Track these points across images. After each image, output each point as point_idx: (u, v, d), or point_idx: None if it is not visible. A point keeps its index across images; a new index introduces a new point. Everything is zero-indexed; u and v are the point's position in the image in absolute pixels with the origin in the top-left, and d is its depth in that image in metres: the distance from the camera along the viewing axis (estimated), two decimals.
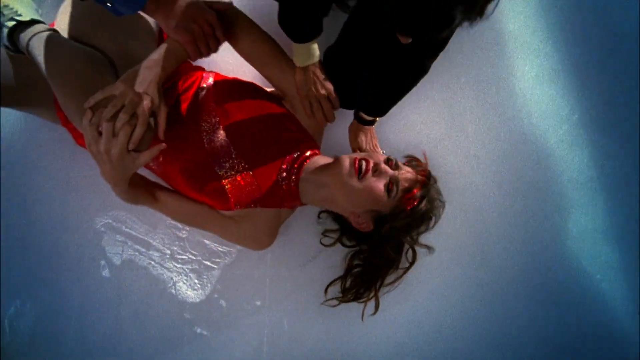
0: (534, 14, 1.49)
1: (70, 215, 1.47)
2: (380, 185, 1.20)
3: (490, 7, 0.90)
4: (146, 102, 1.09)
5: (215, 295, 1.51)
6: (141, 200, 1.27)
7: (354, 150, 1.44)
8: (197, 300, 1.51)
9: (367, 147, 1.43)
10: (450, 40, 1.25)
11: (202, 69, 1.40)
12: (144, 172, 1.38)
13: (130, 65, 1.14)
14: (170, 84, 1.31)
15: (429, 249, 1.37)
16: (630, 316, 1.52)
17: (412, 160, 1.40)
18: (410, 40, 0.94)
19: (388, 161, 1.24)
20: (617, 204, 1.50)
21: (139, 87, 1.10)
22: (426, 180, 1.28)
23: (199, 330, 1.51)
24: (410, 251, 1.35)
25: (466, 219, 1.49)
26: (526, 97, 1.48)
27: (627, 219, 1.50)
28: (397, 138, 1.50)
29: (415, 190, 1.23)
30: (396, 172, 1.23)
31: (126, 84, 1.09)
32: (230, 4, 1.25)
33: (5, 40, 1.21)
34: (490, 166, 1.49)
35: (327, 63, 1.33)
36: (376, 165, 1.21)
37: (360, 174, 1.20)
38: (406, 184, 1.23)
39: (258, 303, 1.51)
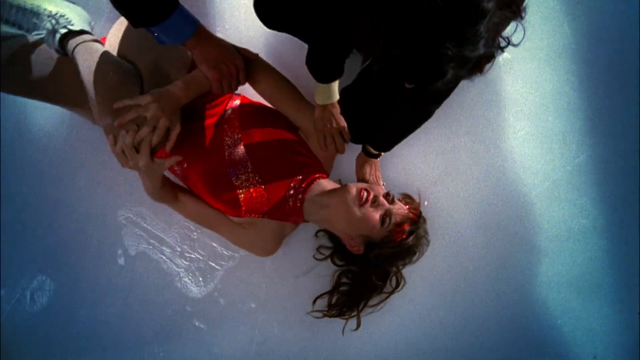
0: (532, 80, 1.66)
1: (97, 205, 1.64)
2: (376, 215, 1.38)
3: (488, 65, 1.05)
4: (164, 120, 1.28)
5: (216, 294, 1.67)
6: (165, 198, 1.46)
7: (358, 179, 1.60)
8: (199, 296, 1.67)
9: (370, 178, 1.60)
10: (454, 92, 1.42)
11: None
12: (168, 174, 1.55)
13: (158, 84, 1.33)
14: (201, 100, 1.49)
15: (404, 282, 1.54)
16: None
17: (407, 198, 1.57)
18: (413, 85, 1.08)
19: (386, 195, 1.42)
20: (584, 258, 1.67)
21: (162, 105, 1.29)
22: (417, 218, 1.45)
23: (197, 323, 1.67)
24: (395, 278, 1.53)
25: (448, 254, 1.66)
26: (514, 153, 1.65)
27: (591, 271, 1.67)
28: (396, 174, 1.67)
29: (405, 225, 1.40)
30: (391, 207, 1.41)
31: (153, 99, 1.28)
32: (257, 55, 1.44)
33: (56, 44, 1.38)
34: (476, 210, 1.66)
35: (343, 101, 1.50)
36: (375, 197, 1.39)
37: (362, 202, 1.37)
38: (398, 219, 1.41)
39: (253, 305, 1.68)
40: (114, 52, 1.42)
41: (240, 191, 1.46)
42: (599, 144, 1.66)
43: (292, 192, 1.48)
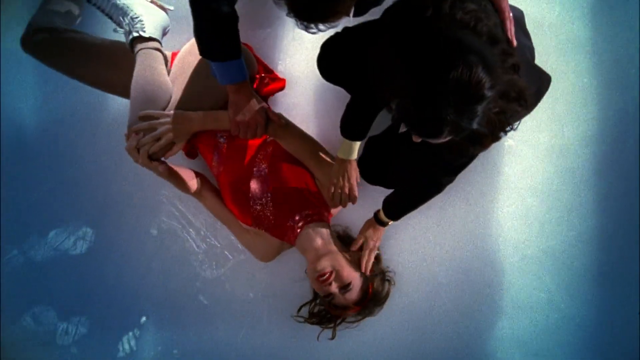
0: (529, 168, 1.95)
1: (145, 182, 1.95)
2: (322, 288, 1.67)
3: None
4: (169, 137, 1.63)
5: (223, 278, 1.97)
6: (181, 189, 1.76)
7: (358, 238, 1.80)
8: (209, 277, 1.97)
9: (371, 242, 1.79)
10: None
11: None
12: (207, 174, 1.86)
13: (189, 107, 1.66)
14: None
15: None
16: None
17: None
18: (419, 139, 1.27)
19: (344, 287, 1.68)
20: (537, 326, 1.96)
21: (175, 125, 1.63)
22: (352, 312, 1.75)
23: (201, 299, 1.97)
24: None
25: (422, 294, 1.95)
26: (498, 225, 1.94)
27: (540, 339, 1.96)
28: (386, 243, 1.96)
29: (341, 313, 1.76)
30: (339, 295, 1.68)
31: (171, 119, 1.62)
32: (281, 120, 1.69)
33: (128, 43, 1.69)
34: (454, 263, 1.95)
35: (369, 143, 1.78)
36: (330, 282, 1.66)
37: (320, 278, 1.65)
38: (339, 302, 1.71)
39: (251, 295, 1.97)
40: (176, 66, 1.73)
41: (254, 208, 1.75)
42: (570, 237, 1.95)
43: (295, 218, 1.75)
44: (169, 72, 1.73)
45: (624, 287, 1.95)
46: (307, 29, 1.27)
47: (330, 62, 1.63)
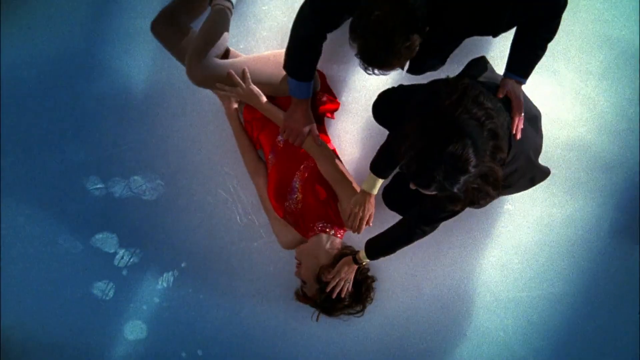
0: (519, 228, 2.37)
1: (216, 158, 2.43)
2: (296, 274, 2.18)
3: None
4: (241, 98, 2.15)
5: (249, 249, 2.43)
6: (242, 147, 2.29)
7: (332, 273, 2.14)
8: (243, 246, 2.43)
9: (341, 275, 2.13)
10: (467, 214, 2.12)
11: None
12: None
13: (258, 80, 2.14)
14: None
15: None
16: None
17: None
18: (414, 187, 1.61)
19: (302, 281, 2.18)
20: (490, 356, 2.39)
21: (252, 95, 2.13)
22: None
23: (232, 261, 2.44)
24: None
25: (404, 305, 2.40)
26: (481, 270, 2.38)
27: None
28: None
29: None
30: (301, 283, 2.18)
31: (249, 89, 2.12)
32: (318, 142, 2.15)
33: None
34: (437, 289, 2.39)
35: (395, 179, 2.22)
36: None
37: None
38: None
39: (270, 269, 2.44)
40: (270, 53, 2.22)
41: (287, 205, 2.21)
42: (536, 295, 2.37)
43: (310, 226, 2.19)
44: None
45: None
46: (365, 69, 1.66)
47: (381, 108, 2.09)
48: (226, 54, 2.21)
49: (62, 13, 2.41)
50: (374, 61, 1.61)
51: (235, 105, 2.28)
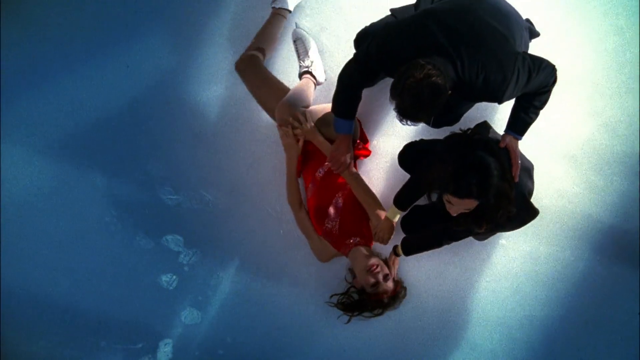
0: (508, 260, 2.90)
1: (268, 182, 3.00)
2: (371, 280, 2.61)
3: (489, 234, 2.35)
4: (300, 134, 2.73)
5: (291, 257, 2.99)
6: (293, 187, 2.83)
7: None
8: (284, 252, 3.00)
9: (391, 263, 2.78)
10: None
11: None
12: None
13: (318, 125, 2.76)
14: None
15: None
16: None
17: (399, 282, 2.80)
18: (454, 214, 2.21)
19: (385, 276, 2.65)
20: None
21: (311, 132, 2.71)
22: (389, 297, 2.68)
23: (274, 263, 2.99)
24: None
25: (411, 313, 2.93)
26: (475, 302, 2.91)
27: None
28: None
29: (383, 295, 2.66)
30: (383, 282, 2.64)
31: (310, 127, 2.73)
32: (357, 175, 2.74)
33: (301, 72, 2.91)
34: (441, 298, 2.92)
35: (412, 212, 2.77)
36: (377, 272, 2.62)
37: (369, 269, 2.62)
38: (381, 290, 2.65)
39: (304, 274, 2.98)
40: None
41: (326, 225, 2.76)
42: (524, 316, 2.89)
43: (348, 242, 2.73)
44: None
45: None
46: (400, 121, 2.18)
47: (406, 156, 2.66)
48: None
49: (154, 51, 3.02)
50: (407, 116, 2.12)
51: (300, 143, 2.79)
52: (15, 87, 3.03)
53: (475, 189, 2.08)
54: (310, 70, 2.87)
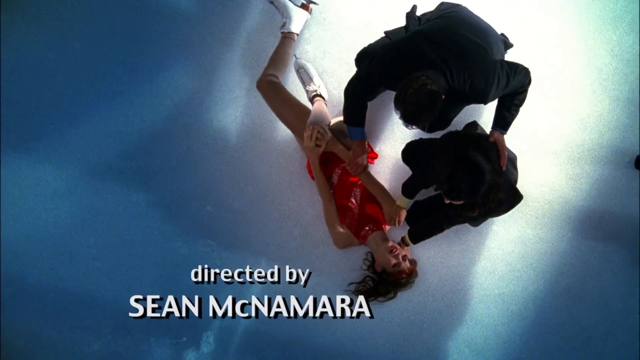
0: (506, 247, 3.34)
1: (287, 187, 3.44)
2: (393, 260, 3.04)
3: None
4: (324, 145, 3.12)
5: (313, 252, 3.42)
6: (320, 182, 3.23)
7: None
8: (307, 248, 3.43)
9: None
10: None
11: None
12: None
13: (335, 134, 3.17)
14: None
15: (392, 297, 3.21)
16: None
17: (413, 262, 3.20)
18: (447, 201, 2.60)
19: (404, 257, 3.09)
20: (487, 338, 3.33)
21: (331, 142, 3.12)
22: (408, 275, 3.12)
23: (302, 256, 3.40)
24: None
25: (423, 296, 3.35)
26: (474, 281, 3.33)
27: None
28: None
29: (402, 274, 3.09)
30: (402, 262, 3.07)
31: (330, 137, 3.12)
32: (369, 173, 3.17)
33: (310, 96, 3.34)
34: (443, 286, 3.34)
35: (415, 206, 3.21)
36: (398, 254, 3.06)
37: (390, 251, 3.05)
38: (401, 268, 3.08)
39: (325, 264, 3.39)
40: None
41: (347, 214, 3.19)
42: (518, 292, 3.32)
43: (365, 228, 3.17)
44: None
45: None
46: (406, 126, 2.58)
47: (407, 153, 3.10)
48: None
49: (176, 79, 3.47)
50: (410, 121, 2.53)
51: (320, 151, 3.18)
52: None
53: (464, 195, 2.48)
54: (319, 93, 3.31)
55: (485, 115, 3.31)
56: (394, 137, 3.42)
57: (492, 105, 2.82)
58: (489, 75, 2.58)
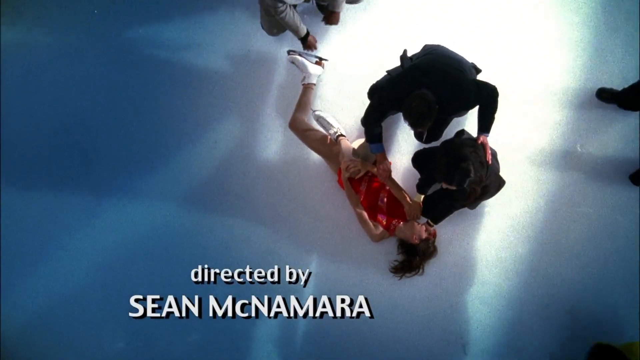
0: (498, 225, 4.33)
1: (317, 196, 4.42)
2: (425, 233, 4.04)
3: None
4: (358, 173, 4.13)
5: (352, 247, 4.36)
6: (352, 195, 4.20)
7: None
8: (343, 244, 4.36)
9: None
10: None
11: None
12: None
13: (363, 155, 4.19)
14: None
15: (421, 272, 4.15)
16: None
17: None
18: (446, 187, 3.59)
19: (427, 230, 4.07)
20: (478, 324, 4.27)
21: (362, 165, 4.12)
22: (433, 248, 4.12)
23: (342, 254, 4.33)
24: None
25: (441, 275, 4.29)
26: (473, 256, 4.30)
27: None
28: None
29: (432, 237, 4.08)
30: (428, 227, 4.07)
31: (360, 162, 4.14)
32: (395, 181, 4.17)
33: (335, 137, 4.33)
34: (452, 267, 4.30)
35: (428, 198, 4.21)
36: (425, 232, 4.06)
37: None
38: (431, 233, 4.07)
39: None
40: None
41: (377, 214, 4.15)
42: (513, 263, 4.29)
43: (393, 223, 4.12)
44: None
45: None
46: (415, 132, 3.69)
47: (416, 160, 4.11)
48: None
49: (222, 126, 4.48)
50: (417, 125, 3.39)
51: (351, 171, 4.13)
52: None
53: (456, 183, 3.30)
54: (340, 132, 4.31)
55: (467, 126, 4.32)
56: (402, 151, 4.45)
57: (473, 118, 3.83)
58: (468, 90, 3.45)
